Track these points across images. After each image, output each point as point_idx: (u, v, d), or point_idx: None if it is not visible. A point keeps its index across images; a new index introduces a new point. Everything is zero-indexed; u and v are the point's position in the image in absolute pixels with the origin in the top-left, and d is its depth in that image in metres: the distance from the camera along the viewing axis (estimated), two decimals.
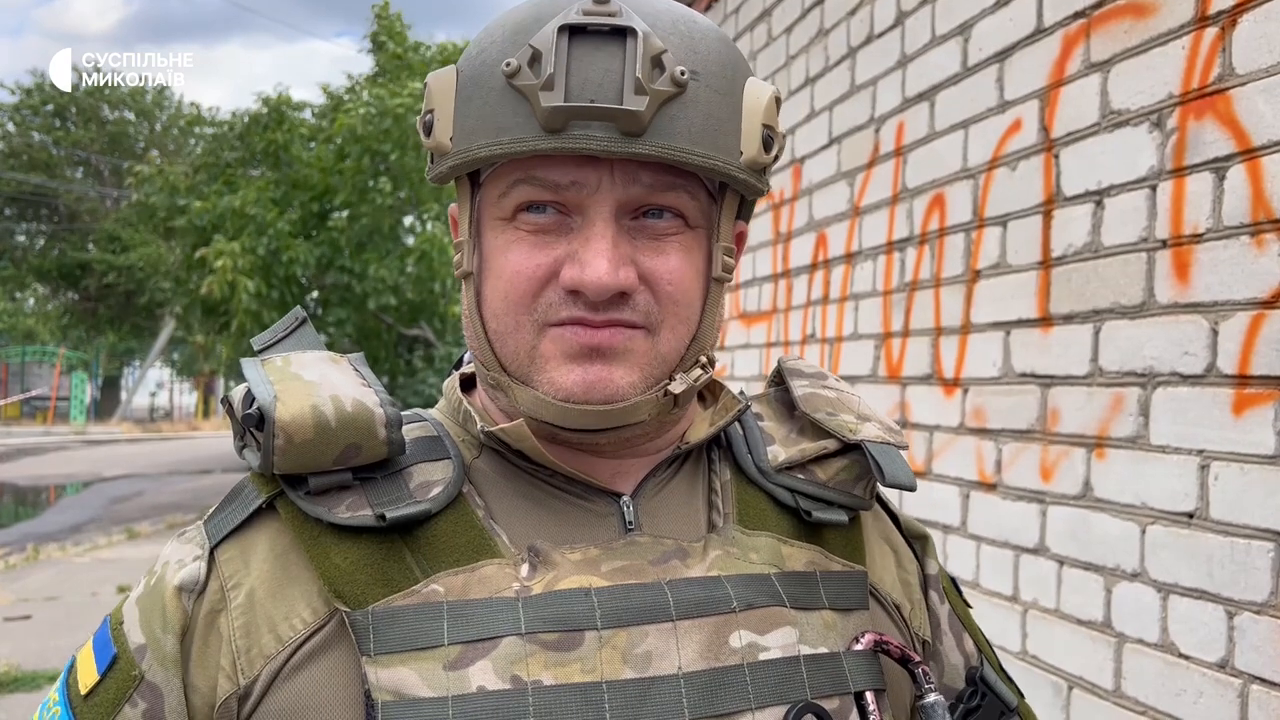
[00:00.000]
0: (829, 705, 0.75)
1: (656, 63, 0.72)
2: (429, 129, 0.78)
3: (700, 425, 0.88)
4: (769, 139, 0.79)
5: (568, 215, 0.75)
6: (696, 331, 0.80)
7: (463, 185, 0.79)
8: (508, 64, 0.72)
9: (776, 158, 0.81)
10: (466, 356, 0.97)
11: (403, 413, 0.85)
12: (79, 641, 6.31)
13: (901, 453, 0.89)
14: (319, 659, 0.72)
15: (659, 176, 0.75)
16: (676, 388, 0.79)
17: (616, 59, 0.71)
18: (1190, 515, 1.73)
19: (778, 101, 0.80)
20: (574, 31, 0.71)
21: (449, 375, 0.94)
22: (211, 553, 0.78)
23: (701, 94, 0.74)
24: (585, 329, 0.75)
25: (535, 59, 0.71)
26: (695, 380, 0.80)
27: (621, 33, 0.71)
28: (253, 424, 0.74)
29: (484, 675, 0.69)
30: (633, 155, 0.71)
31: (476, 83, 0.75)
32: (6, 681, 5.60)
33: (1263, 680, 1.57)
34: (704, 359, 0.82)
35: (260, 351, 0.83)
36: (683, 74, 0.72)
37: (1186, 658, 1.73)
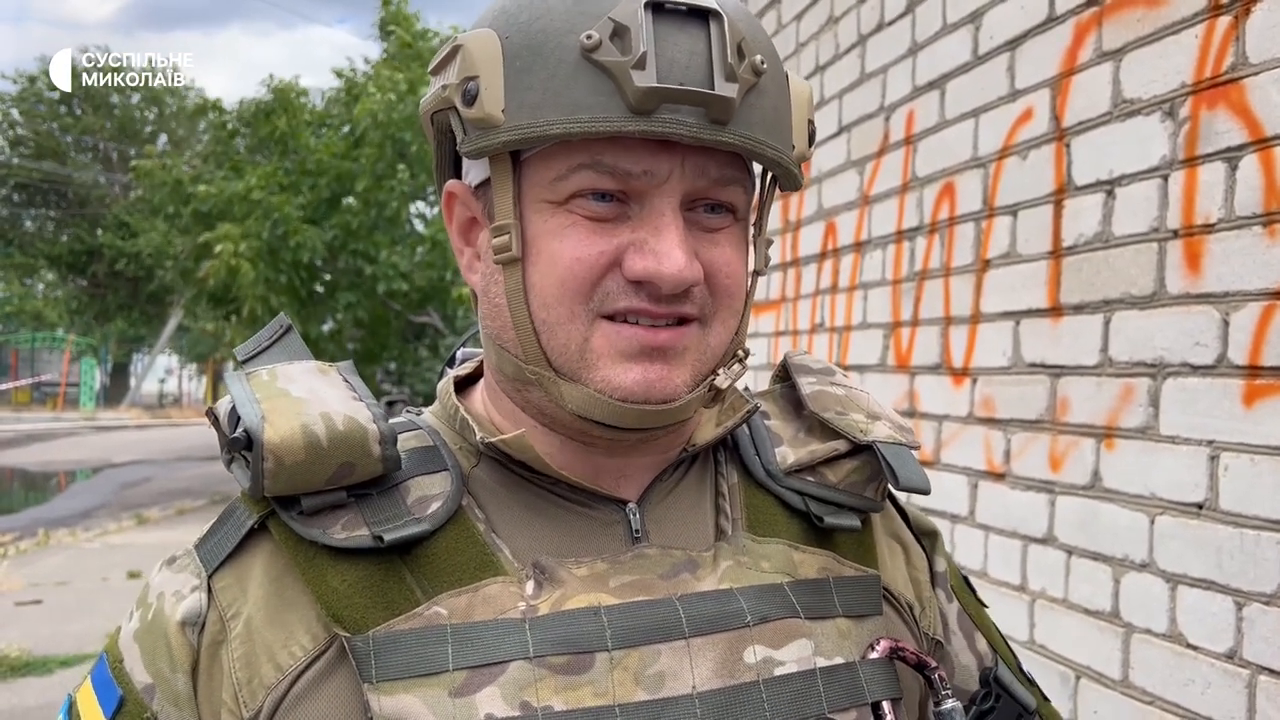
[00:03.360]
0: (845, 719, 0.73)
1: (739, 49, 0.69)
2: (472, 99, 0.70)
3: (707, 426, 0.85)
4: (812, 133, 0.79)
5: (625, 203, 0.72)
6: (738, 324, 0.78)
7: (502, 161, 0.72)
8: (589, 36, 0.67)
9: None
10: (459, 354, 0.94)
11: (395, 420, 0.81)
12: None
13: (914, 453, 0.86)
14: (320, 687, 0.70)
15: (724, 170, 0.72)
16: (722, 382, 0.77)
17: (700, 41, 0.68)
18: (1199, 506, 1.73)
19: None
20: (654, 9, 0.67)
21: (441, 373, 0.91)
22: (209, 582, 0.75)
23: (769, 85, 0.72)
24: (646, 330, 0.72)
25: (618, 34, 0.67)
26: (736, 375, 0.79)
27: (700, 13, 0.68)
28: (241, 446, 0.71)
29: (492, 702, 0.66)
30: (718, 143, 0.69)
31: (536, 52, 0.69)
32: (18, 666, 5.64)
33: (1271, 671, 1.57)
34: (740, 352, 0.80)
35: (245, 362, 0.80)
36: (761, 63, 0.70)
37: (1195, 648, 1.73)
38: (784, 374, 0.94)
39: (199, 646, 0.73)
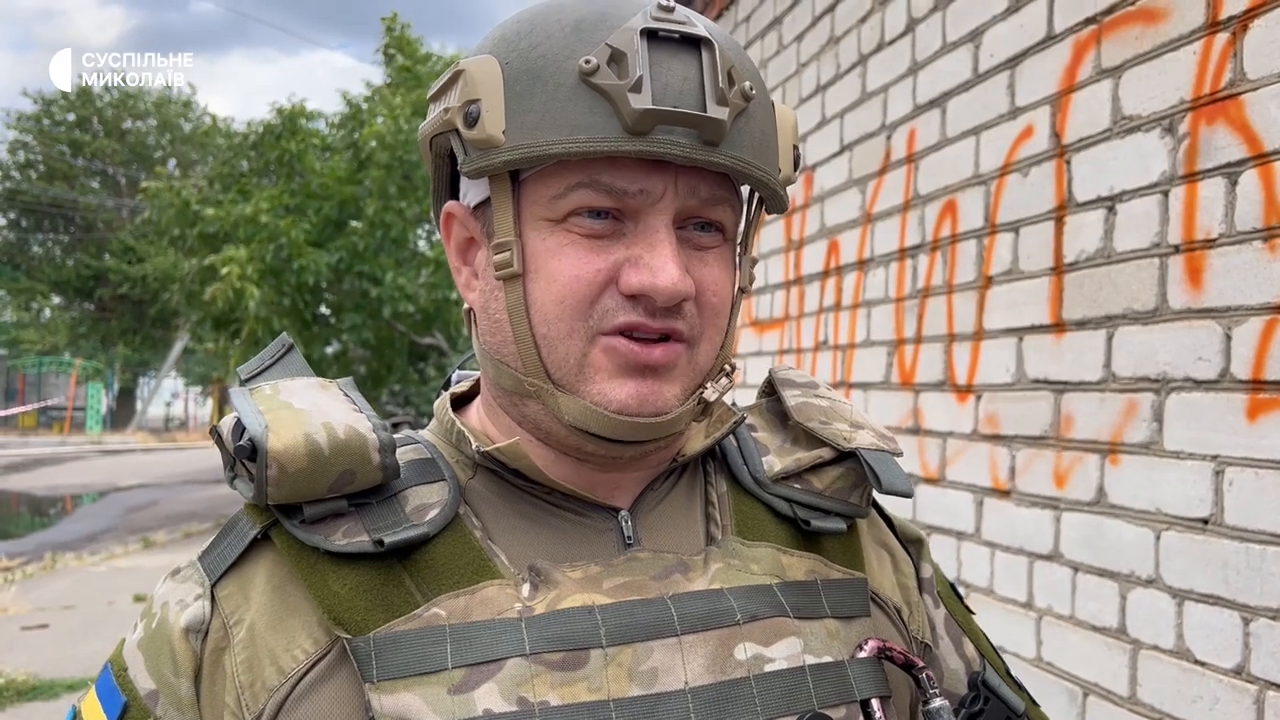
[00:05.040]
0: (835, 715, 0.74)
1: (729, 75, 0.72)
2: (473, 121, 0.73)
3: (696, 437, 0.87)
4: (797, 158, 0.82)
5: (621, 221, 0.74)
6: (723, 340, 0.81)
7: (502, 180, 0.76)
8: (587, 61, 0.70)
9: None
10: (455, 375, 0.97)
11: (395, 435, 0.83)
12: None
13: (896, 459, 0.88)
14: (322, 688, 0.72)
15: (715, 190, 0.75)
16: (711, 395, 0.80)
17: (693, 67, 0.71)
18: (1205, 521, 1.73)
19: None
20: (649, 36, 0.71)
21: (439, 394, 0.93)
22: (212, 590, 0.77)
23: (756, 110, 0.76)
24: (641, 346, 0.74)
25: (615, 59, 0.70)
26: (724, 389, 0.81)
27: (692, 41, 0.72)
28: (245, 455, 0.73)
29: (490, 698, 0.68)
30: (710, 164, 0.72)
31: (536, 77, 0.72)
32: (25, 690, 5.63)
33: (1279, 687, 1.57)
34: (727, 366, 0.83)
35: (247, 380, 0.82)
36: (750, 88, 0.73)
37: (1202, 664, 1.72)
38: (769, 389, 0.97)
39: (202, 653, 0.75)
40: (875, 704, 0.76)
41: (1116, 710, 1.94)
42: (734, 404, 0.91)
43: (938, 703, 0.81)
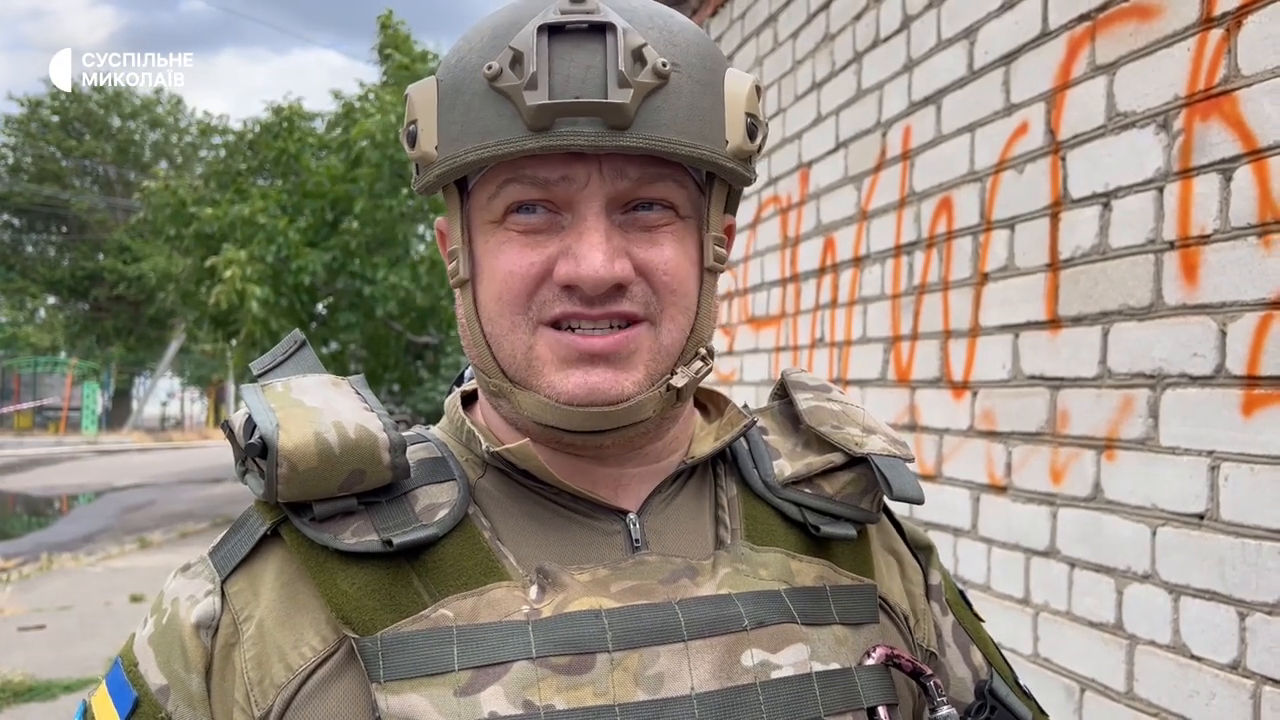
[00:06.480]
0: None
1: (638, 56, 0.71)
2: (413, 140, 0.77)
3: (706, 440, 0.87)
4: (753, 127, 0.79)
5: (558, 213, 0.75)
6: (694, 323, 0.79)
7: (451, 193, 0.79)
8: (489, 67, 0.71)
9: (761, 146, 0.80)
10: (468, 372, 0.96)
11: (406, 433, 0.84)
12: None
13: (908, 465, 0.88)
14: (329, 687, 0.72)
15: (646, 169, 0.74)
16: (679, 381, 0.78)
17: (597, 55, 0.71)
18: (1201, 517, 1.73)
19: (758, 90, 0.80)
20: (553, 31, 0.71)
21: (450, 390, 0.93)
22: (222, 586, 0.78)
23: (684, 85, 0.74)
24: (583, 337, 0.74)
25: (517, 60, 0.71)
26: (696, 373, 0.80)
27: (601, 29, 0.71)
28: (256, 453, 0.74)
29: (495, 701, 0.68)
30: (620, 148, 0.71)
31: (457, 89, 0.74)
32: (22, 691, 5.62)
33: (1275, 681, 1.57)
34: (703, 351, 0.81)
35: (259, 376, 0.82)
36: (664, 65, 0.72)
37: (1198, 659, 1.73)
38: (782, 391, 0.96)
39: (213, 648, 0.76)
40: (882, 711, 0.76)
41: (1114, 705, 1.94)
42: (745, 406, 0.90)
43: (945, 711, 0.80)
